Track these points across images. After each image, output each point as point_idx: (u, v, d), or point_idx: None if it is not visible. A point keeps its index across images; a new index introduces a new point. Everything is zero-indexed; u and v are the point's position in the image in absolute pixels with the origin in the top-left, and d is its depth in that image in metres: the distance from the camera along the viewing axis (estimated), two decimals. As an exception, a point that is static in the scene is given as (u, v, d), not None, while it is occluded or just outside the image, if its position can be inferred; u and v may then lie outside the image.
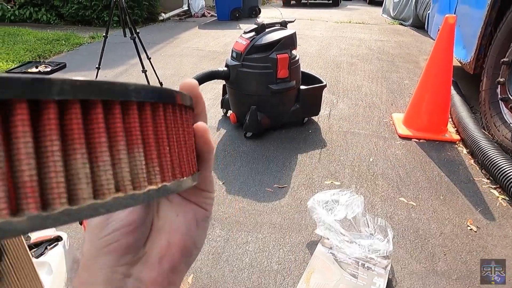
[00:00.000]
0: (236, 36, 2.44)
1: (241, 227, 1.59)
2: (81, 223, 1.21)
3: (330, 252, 1.40)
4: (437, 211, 1.69)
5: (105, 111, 0.16)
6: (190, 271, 1.36)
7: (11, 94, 0.12)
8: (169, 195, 0.22)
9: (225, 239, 1.52)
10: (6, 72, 3.56)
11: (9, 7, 6.11)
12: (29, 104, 0.13)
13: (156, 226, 0.26)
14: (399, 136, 2.37)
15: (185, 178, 0.21)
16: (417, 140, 2.31)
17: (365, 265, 1.33)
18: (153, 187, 0.18)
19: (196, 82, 0.25)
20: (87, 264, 0.24)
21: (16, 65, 3.75)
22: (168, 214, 0.26)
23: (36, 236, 1.02)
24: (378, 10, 8.56)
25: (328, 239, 1.44)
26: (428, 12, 4.07)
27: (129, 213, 0.24)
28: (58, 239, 1.02)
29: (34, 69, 3.58)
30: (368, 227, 1.50)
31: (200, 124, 0.24)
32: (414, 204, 1.74)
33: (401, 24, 6.56)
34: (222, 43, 4.93)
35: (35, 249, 0.98)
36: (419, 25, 5.99)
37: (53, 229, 1.08)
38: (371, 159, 2.12)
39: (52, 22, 6.17)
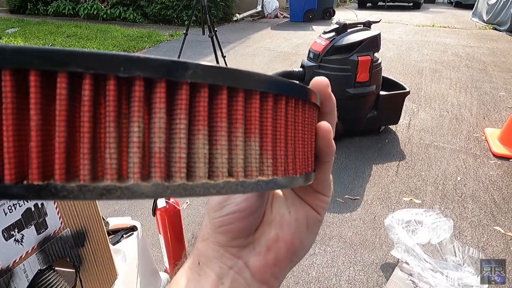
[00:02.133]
0: (308, 38, 2.36)
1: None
2: (154, 214, 1.23)
3: (410, 280, 1.24)
4: (544, 248, 1.42)
5: (229, 97, 0.16)
6: (253, 276, 1.31)
7: (157, 74, 0.14)
8: (278, 189, 0.22)
9: (291, 247, 1.44)
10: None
11: (102, 6, 6.75)
12: (167, 83, 0.14)
13: (268, 218, 0.27)
14: (494, 155, 2.07)
15: (297, 175, 0.21)
16: (516, 161, 2.00)
17: (453, 301, 1.16)
18: (264, 178, 0.18)
19: (327, 81, 0.24)
20: (204, 237, 0.27)
21: (104, 59, 4.10)
22: (281, 209, 0.27)
23: (113, 223, 1.04)
24: (466, 14, 7.79)
25: (407, 263, 1.28)
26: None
27: (244, 200, 0.25)
28: (133, 228, 1.04)
29: (119, 63, 3.87)
30: (456, 256, 1.31)
31: (323, 123, 0.23)
32: (514, 236, 1.49)
33: (495, 29, 5.87)
34: (294, 44, 4.86)
35: (112, 236, 1.00)
36: (518, 30, 5.30)
37: (129, 217, 1.10)
38: (458, 178, 1.88)
39: (137, 20, 6.67)
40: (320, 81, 0.24)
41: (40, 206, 0.68)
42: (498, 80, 3.35)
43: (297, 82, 0.20)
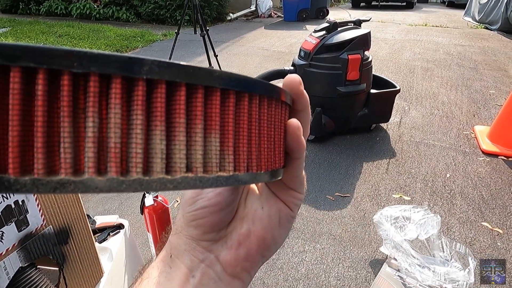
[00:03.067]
0: (302, 37, 2.36)
1: (298, 234, 1.50)
2: (141, 212, 1.23)
3: (398, 275, 1.25)
4: (531, 243, 1.44)
5: (188, 93, 0.17)
6: (243, 274, 1.31)
7: (111, 70, 0.14)
8: (240, 184, 0.22)
9: (280, 245, 1.45)
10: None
11: (95, 6, 6.71)
12: (123, 79, 0.15)
13: (241, 213, 0.27)
14: (483, 152, 2.09)
15: (262, 172, 0.20)
16: (505, 158, 2.02)
17: (440, 296, 1.17)
18: (224, 174, 0.18)
19: (299, 79, 0.24)
20: (177, 230, 0.27)
21: (97, 59, 4.07)
22: (254, 205, 0.27)
23: (100, 221, 1.04)
24: (458, 13, 7.85)
25: (395, 259, 1.29)
26: (525, 14, 3.60)
27: (216, 195, 0.26)
28: (120, 226, 1.03)
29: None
30: (444, 252, 1.32)
31: (292, 121, 0.23)
32: (501, 231, 1.50)
33: (487, 28, 5.92)
34: (287, 44, 4.87)
35: (99, 234, 1.00)
36: (509, 29, 5.35)
37: (117, 216, 1.10)
38: (448, 175, 1.89)
39: (130, 20, 6.63)
40: (292, 79, 0.24)
41: (20, 203, 0.68)
42: (489, 79, 3.38)
43: (261, 80, 0.20)
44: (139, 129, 0.15)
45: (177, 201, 1.70)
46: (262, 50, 4.53)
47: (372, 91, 2.20)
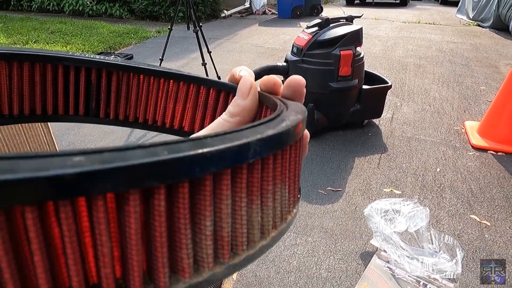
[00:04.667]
0: (296, 34, 2.37)
1: (290, 228, 1.52)
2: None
3: (387, 267, 1.27)
4: (517, 235, 1.47)
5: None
6: (235, 267, 1.33)
7: (222, 165, 0.14)
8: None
9: (273, 238, 1.46)
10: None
11: (88, 2, 6.65)
12: (212, 176, 0.14)
13: None
14: (473, 147, 2.13)
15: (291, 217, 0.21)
16: (494, 153, 2.05)
17: (428, 286, 1.19)
18: (279, 222, 0.18)
19: (304, 81, 0.24)
20: None
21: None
22: None
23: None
24: (451, 10, 7.91)
25: (385, 251, 1.32)
26: (515, 11, 3.64)
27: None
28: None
29: (105, 59, 3.83)
30: (432, 243, 1.35)
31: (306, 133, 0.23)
32: (488, 223, 1.53)
33: (479, 25, 5.98)
34: (281, 41, 4.88)
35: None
36: (501, 26, 5.40)
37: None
38: (438, 169, 1.92)
39: (124, 17, 6.59)
40: (298, 80, 0.24)
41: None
42: (480, 75, 3.42)
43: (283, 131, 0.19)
44: (243, 211, 0.15)
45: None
46: (256, 47, 4.53)
47: (364, 87, 2.22)
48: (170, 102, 0.29)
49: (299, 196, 0.22)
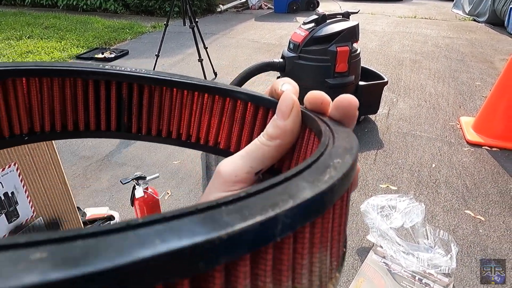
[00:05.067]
0: (292, 29, 2.37)
1: None
2: (132, 204, 1.24)
3: (383, 262, 1.29)
4: (511, 229, 1.49)
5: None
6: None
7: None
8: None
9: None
10: (77, 57, 3.83)
11: (82, -3, 6.57)
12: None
13: None
14: (468, 142, 2.14)
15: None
16: (488, 148, 2.07)
17: (423, 281, 1.21)
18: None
19: (357, 102, 0.22)
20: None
21: (85, 51, 4.01)
22: None
23: (90, 213, 1.05)
24: (447, 5, 7.90)
25: (381, 247, 1.33)
26: (510, 6, 3.65)
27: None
28: (110, 218, 1.04)
29: (100, 55, 3.80)
30: (428, 239, 1.37)
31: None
32: (483, 219, 1.55)
33: (475, 20, 5.99)
34: (277, 36, 4.86)
35: (89, 226, 1.01)
36: (496, 21, 5.42)
37: (107, 207, 1.11)
38: (433, 165, 1.94)
39: (118, 11, 6.52)
40: (349, 100, 0.21)
41: (10, 195, 0.68)
42: (475, 70, 3.44)
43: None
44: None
45: (168, 193, 1.71)
46: (253, 42, 4.51)
47: (361, 83, 2.23)
48: (204, 116, 0.27)
49: (344, 250, 0.18)
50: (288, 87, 0.22)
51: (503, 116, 2.08)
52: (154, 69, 2.93)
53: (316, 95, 0.22)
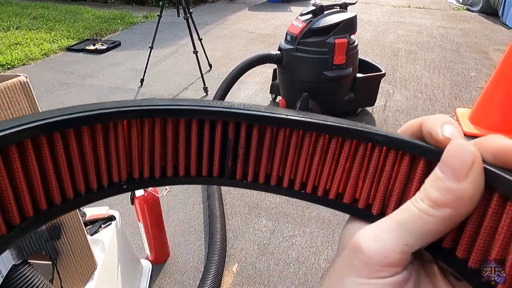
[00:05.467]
0: (287, 19, 2.33)
1: (287, 219, 1.53)
2: (132, 203, 1.22)
3: (385, 256, 1.30)
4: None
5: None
6: (234, 260, 1.34)
7: None
8: None
9: (271, 230, 1.47)
10: (67, 49, 3.74)
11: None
12: None
13: None
14: (464, 134, 2.14)
15: None
16: (485, 140, 2.09)
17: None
18: None
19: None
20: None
21: (76, 42, 3.92)
22: None
23: (90, 214, 1.03)
24: (441, -6, 7.88)
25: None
26: (505, -4, 3.65)
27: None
28: (111, 218, 1.03)
29: (91, 46, 3.72)
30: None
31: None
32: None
33: (468, 9, 5.98)
34: (272, 26, 4.80)
35: (90, 226, 0.99)
36: (490, 11, 5.42)
37: (107, 207, 1.09)
38: (431, 157, 1.95)
39: (109, 1, 6.37)
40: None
41: (10, 200, 0.66)
42: (470, 61, 3.44)
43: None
44: None
45: (166, 189, 1.69)
46: (247, 33, 4.46)
47: (358, 75, 2.22)
48: (330, 165, 0.23)
49: None
50: (453, 131, 0.17)
51: (500, 108, 2.09)
52: (147, 62, 2.88)
53: (503, 145, 0.15)
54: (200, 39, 2.96)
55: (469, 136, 2.13)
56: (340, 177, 0.23)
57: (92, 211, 1.04)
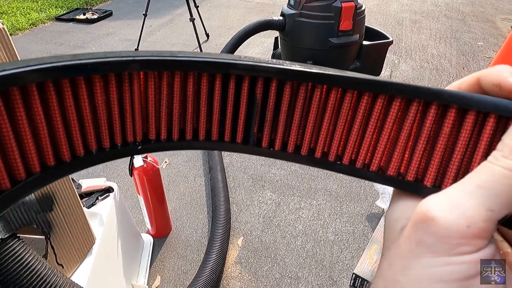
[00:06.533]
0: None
1: (293, 191, 1.48)
2: (131, 174, 1.15)
3: (396, 228, 1.25)
4: None
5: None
6: (239, 233, 1.29)
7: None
8: None
9: (276, 202, 1.42)
10: (56, 18, 3.55)
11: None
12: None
13: None
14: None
15: None
16: (494, 110, 2.02)
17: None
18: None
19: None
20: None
21: (65, 11, 3.72)
22: None
23: (86, 185, 0.96)
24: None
25: (393, 213, 1.29)
26: (516, -39, 3.49)
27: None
28: (109, 190, 0.96)
29: (82, 16, 3.53)
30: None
31: None
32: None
33: (473, -22, 5.77)
34: (270, -5, 4.59)
35: (86, 198, 0.92)
36: (496, -21, 5.22)
37: (104, 179, 1.02)
38: (439, 128, 1.88)
39: (98, -31, 6.06)
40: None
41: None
42: (477, 30, 3.32)
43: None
44: None
45: (166, 162, 1.62)
46: (245, 2, 4.26)
47: (365, 42, 2.11)
48: (372, 131, 0.20)
49: None
50: None
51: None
52: (141, 31, 2.73)
53: None
54: (197, 7, 2.80)
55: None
56: (385, 145, 0.19)
57: (88, 182, 0.97)
